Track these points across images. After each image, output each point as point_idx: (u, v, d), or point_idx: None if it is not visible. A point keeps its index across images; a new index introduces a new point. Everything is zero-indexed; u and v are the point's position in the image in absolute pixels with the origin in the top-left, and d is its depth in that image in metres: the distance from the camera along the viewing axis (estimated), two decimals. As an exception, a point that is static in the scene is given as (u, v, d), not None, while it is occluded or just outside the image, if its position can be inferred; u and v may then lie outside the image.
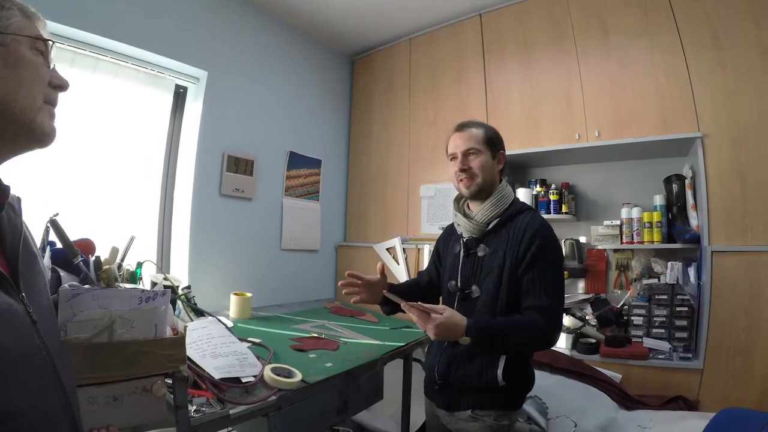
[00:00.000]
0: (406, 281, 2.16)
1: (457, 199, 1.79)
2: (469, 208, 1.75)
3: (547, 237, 1.55)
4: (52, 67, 0.82)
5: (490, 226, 1.63)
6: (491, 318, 1.55)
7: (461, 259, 1.69)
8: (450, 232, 1.86)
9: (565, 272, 3.01)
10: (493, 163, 1.66)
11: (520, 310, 1.54)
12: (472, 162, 1.63)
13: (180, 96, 3.17)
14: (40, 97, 0.77)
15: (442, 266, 1.85)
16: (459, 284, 1.68)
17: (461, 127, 1.71)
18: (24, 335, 0.70)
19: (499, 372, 1.51)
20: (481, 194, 1.65)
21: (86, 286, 1.08)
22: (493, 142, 1.68)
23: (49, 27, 0.84)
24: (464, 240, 1.70)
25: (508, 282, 1.54)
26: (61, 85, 0.82)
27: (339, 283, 1.75)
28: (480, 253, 1.63)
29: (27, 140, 0.77)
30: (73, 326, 0.93)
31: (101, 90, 2.66)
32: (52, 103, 0.80)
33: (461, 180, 1.65)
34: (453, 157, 1.69)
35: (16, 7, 0.78)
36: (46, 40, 0.81)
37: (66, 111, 0.86)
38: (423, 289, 1.92)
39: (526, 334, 1.47)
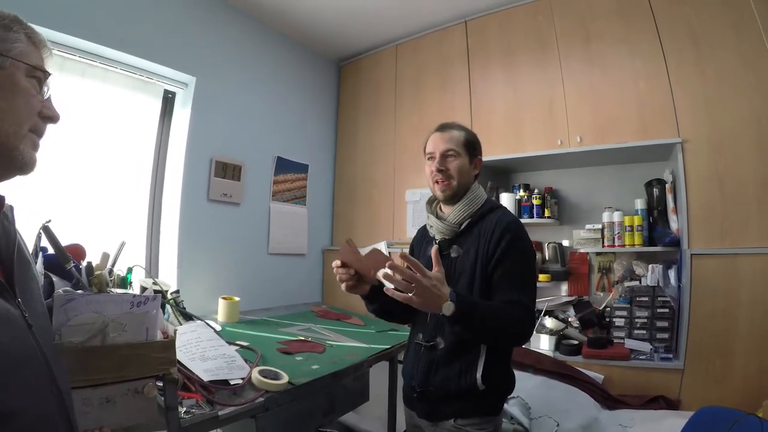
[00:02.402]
0: None
1: (430, 202, 1.77)
2: (441, 210, 1.72)
3: (517, 232, 1.52)
4: (47, 97, 0.83)
5: (462, 227, 1.60)
6: None
7: None
8: (422, 234, 1.83)
9: (548, 275, 3.07)
10: (469, 168, 1.64)
11: None
12: (450, 164, 1.60)
13: (168, 101, 3.18)
14: (27, 125, 0.77)
15: None
16: None
17: (442, 128, 1.67)
18: (21, 339, 0.72)
19: (479, 375, 1.47)
20: (454, 198, 1.62)
21: (79, 291, 1.10)
22: (472, 146, 1.65)
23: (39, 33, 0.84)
24: (437, 242, 1.66)
25: (481, 281, 1.50)
26: (51, 117, 0.82)
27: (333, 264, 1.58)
28: (453, 254, 1.60)
29: (7, 166, 0.77)
30: (68, 330, 0.95)
31: (90, 95, 2.67)
32: (38, 133, 0.81)
33: (437, 181, 1.62)
34: (431, 157, 1.65)
35: (24, 31, 0.78)
36: (45, 72, 0.81)
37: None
38: None
39: (505, 316, 1.39)
